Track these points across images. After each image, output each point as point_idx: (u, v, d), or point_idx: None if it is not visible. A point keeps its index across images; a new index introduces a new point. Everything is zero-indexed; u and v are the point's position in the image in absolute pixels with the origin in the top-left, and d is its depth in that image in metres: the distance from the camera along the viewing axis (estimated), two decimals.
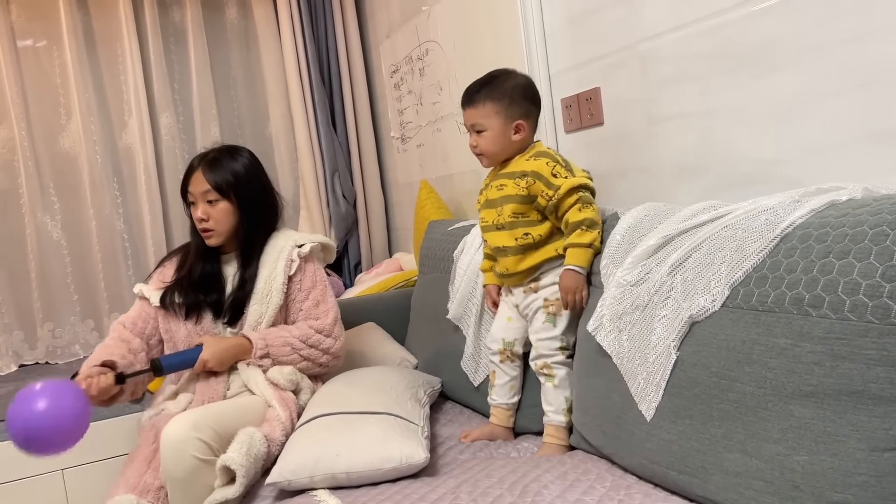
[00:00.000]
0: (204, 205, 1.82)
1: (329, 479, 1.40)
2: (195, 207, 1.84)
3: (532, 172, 1.55)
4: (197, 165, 1.85)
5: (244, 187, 1.84)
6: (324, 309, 1.88)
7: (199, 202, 1.83)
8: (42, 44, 3.00)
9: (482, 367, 1.81)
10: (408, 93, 2.95)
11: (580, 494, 1.23)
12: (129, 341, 1.83)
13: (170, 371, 1.75)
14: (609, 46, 1.76)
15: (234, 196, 1.83)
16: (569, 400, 1.54)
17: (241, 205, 1.84)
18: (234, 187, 1.82)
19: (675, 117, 1.60)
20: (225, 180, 1.82)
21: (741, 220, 1.18)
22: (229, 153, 1.87)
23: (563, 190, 1.52)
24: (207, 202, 1.82)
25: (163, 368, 1.72)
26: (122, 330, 1.86)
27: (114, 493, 1.56)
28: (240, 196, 1.83)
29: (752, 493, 1.05)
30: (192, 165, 1.86)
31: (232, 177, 1.83)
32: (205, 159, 1.85)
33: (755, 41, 1.39)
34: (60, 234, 3.02)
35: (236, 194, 1.83)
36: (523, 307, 1.63)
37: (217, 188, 1.81)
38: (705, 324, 1.17)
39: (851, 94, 1.23)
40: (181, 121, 3.22)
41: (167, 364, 1.73)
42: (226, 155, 1.86)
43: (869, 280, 0.94)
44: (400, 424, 1.52)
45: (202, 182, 1.82)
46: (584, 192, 1.53)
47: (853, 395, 0.95)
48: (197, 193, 1.83)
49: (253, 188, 1.87)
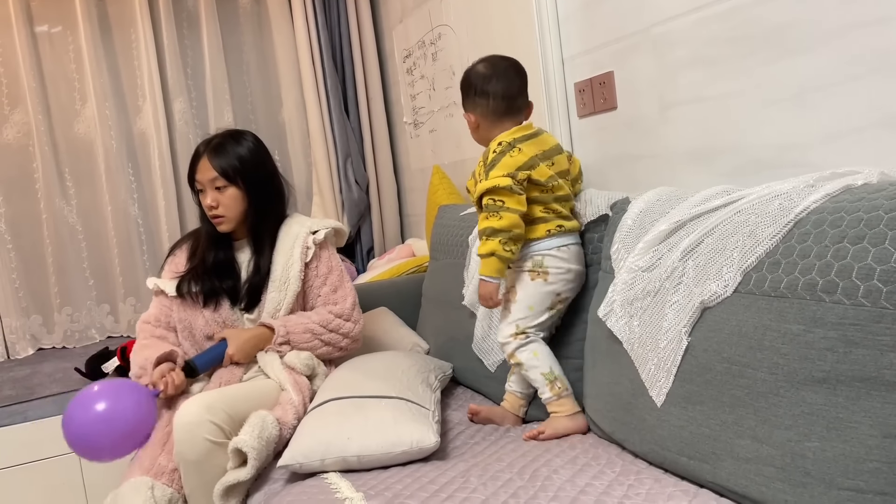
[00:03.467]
0: (213, 192, 1.82)
1: (340, 462, 1.41)
2: (204, 195, 1.84)
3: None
4: (202, 152, 1.84)
5: (251, 171, 1.84)
6: (342, 294, 1.89)
7: (208, 189, 1.83)
8: (57, 29, 3.02)
9: (495, 351, 1.82)
10: (420, 78, 2.93)
11: (590, 479, 1.23)
12: (166, 337, 1.86)
13: (203, 371, 1.77)
14: (623, 30, 1.74)
15: (242, 181, 1.82)
16: (548, 373, 1.55)
17: (248, 189, 1.83)
18: (240, 172, 1.82)
19: (689, 102, 1.59)
20: (231, 166, 1.81)
21: (754, 205, 1.17)
22: (233, 138, 1.86)
23: (473, 198, 1.55)
24: (216, 189, 1.82)
25: (197, 370, 1.74)
26: (152, 329, 1.88)
27: (129, 475, 1.58)
28: (247, 180, 1.83)
29: (762, 479, 1.05)
30: (197, 152, 1.86)
31: (238, 162, 1.82)
32: (209, 146, 1.84)
33: (770, 25, 1.37)
34: (76, 220, 3.05)
35: (244, 179, 1.82)
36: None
37: (224, 174, 1.81)
38: (717, 309, 1.16)
39: (868, 78, 1.21)
40: (194, 106, 3.23)
41: (200, 364, 1.75)
42: (230, 140, 1.85)
43: (884, 265, 0.93)
44: (411, 409, 1.52)
45: (209, 169, 1.81)
46: (489, 199, 1.50)
47: (866, 381, 0.94)
48: (205, 181, 1.83)
49: (259, 172, 1.86)
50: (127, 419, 1.57)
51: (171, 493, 1.56)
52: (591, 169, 1.93)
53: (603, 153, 1.89)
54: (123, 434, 1.57)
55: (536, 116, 1.88)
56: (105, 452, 1.57)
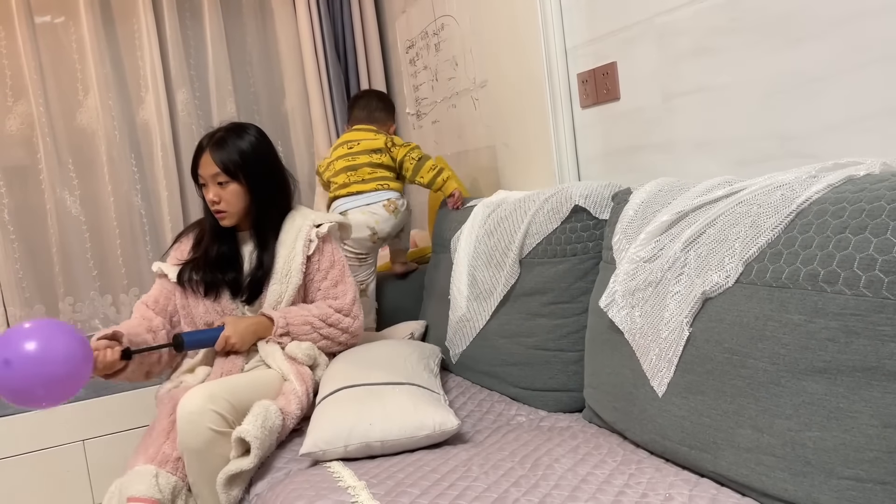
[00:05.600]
0: (215, 187, 1.82)
1: (364, 448, 1.43)
2: (207, 190, 1.83)
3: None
4: (205, 146, 1.83)
5: (253, 166, 1.83)
6: (343, 289, 1.89)
7: (210, 184, 1.82)
8: (60, 19, 3.02)
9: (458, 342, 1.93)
10: (423, 68, 2.93)
11: (591, 468, 1.24)
12: (151, 319, 1.85)
13: (191, 347, 1.76)
14: (626, 20, 1.74)
15: (244, 176, 1.82)
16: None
17: (251, 184, 1.83)
18: (242, 167, 1.81)
19: (692, 92, 1.58)
20: (233, 161, 1.80)
21: (756, 195, 1.17)
22: (236, 132, 1.85)
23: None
24: (218, 184, 1.81)
25: (184, 344, 1.73)
26: (145, 309, 1.87)
27: (133, 464, 1.59)
28: (249, 176, 1.82)
29: (763, 468, 1.05)
30: (200, 146, 1.85)
31: (239, 157, 1.81)
32: (212, 140, 1.83)
33: (774, 14, 1.36)
34: (79, 210, 3.06)
35: (245, 174, 1.82)
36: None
37: (226, 170, 1.80)
38: (718, 300, 1.16)
39: (871, 68, 1.21)
40: (197, 97, 3.23)
41: (189, 340, 1.74)
42: (232, 134, 1.84)
43: (886, 255, 0.93)
44: (425, 394, 1.54)
45: (211, 164, 1.80)
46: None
47: (867, 371, 0.94)
48: (207, 176, 1.82)
49: (261, 166, 1.85)
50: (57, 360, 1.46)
51: (176, 482, 1.57)
52: (593, 160, 1.93)
53: (605, 144, 1.88)
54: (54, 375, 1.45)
55: (539, 106, 1.88)
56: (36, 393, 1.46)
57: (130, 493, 1.51)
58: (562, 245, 1.66)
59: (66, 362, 1.47)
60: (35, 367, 1.43)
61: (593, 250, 1.63)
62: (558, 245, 1.66)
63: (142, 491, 1.51)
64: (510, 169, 2.24)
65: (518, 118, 2.14)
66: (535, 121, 2.04)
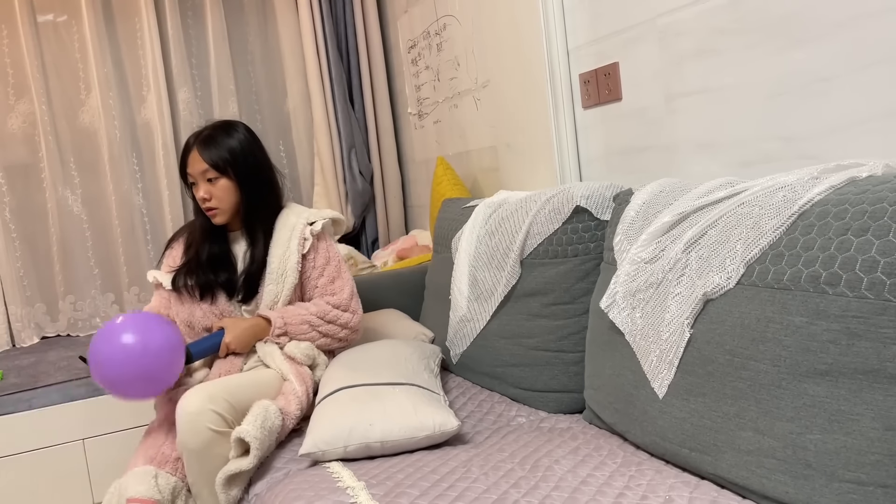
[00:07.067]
0: (205, 184, 1.81)
1: (363, 448, 1.42)
2: (196, 188, 1.83)
3: None
4: (192, 144, 1.82)
5: (242, 162, 1.82)
6: (339, 285, 1.88)
7: (200, 182, 1.81)
8: (62, 18, 3.02)
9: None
10: (425, 68, 2.93)
11: (591, 470, 1.23)
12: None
13: (198, 358, 1.77)
14: (628, 21, 1.73)
15: (233, 172, 1.81)
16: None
17: (240, 180, 1.82)
18: (231, 163, 1.80)
19: (694, 93, 1.58)
20: (221, 157, 1.80)
21: (758, 196, 1.17)
22: (224, 129, 1.84)
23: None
24: (207, 181, 1.80)
25: (192, 356, 1.74)
26: None
27: (133, 464, 1.59)
28: (239, 171, 1.81)
29: (763, 471, 1.05)
30: (187, 144, 1.84)
31: (228, 153, 1.80)
32: (199, 138, 1.82)
33: (776, 15, 1.36)
34: (81, 209, 3.06)
35: (235, 170, 1.81)
36: None
37: (214, 166, 1.79)
38: (720, 301, 1.16)
39: (874, 69, 1.21)
40: (199, 96, 3.23)
41: (196, 352, 1.75)
42: (220, 131, 1.83)
43: (888, 257, 0.93)
44: (425, 394, 1.54)
45: (200, 161, 1.80)
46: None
47: (869, 373, 0.94)
48: (196, 174, 1.81)
49: (250, 162, 1.84)
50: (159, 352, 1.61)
51: (175, 482, 1.57)
52: (595, 160, 1.93)
53: (607, 144, 1.88)
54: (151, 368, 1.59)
55: (541, 107, 1.88)
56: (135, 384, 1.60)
57: (130, 494, 1.51)
58: (563, 246, 1.65)
59: (170, 366, 1.64)
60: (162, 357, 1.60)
61: (594, 251, 1.62)
62: (559, 246, 1.66)
63: (141, 492, 1.51)
64: (512, 169, 2.23)
65: (520, 118, 2.13)
66: (536, 121, 2.04)
